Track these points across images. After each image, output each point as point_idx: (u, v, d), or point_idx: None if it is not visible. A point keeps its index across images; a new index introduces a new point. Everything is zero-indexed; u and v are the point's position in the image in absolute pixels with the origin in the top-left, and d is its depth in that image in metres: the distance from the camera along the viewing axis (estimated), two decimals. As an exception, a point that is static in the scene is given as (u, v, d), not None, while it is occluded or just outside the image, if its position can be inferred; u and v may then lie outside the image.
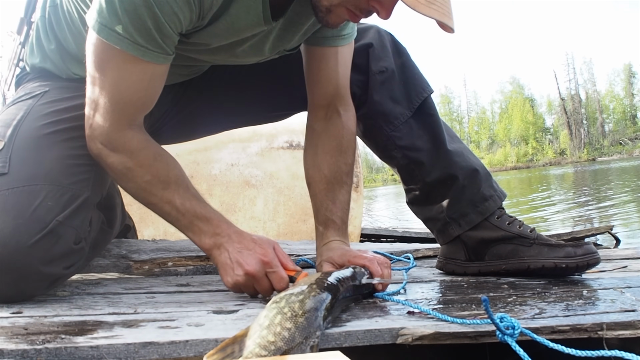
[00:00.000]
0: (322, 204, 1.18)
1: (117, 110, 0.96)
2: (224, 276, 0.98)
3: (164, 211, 1.01)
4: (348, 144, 1.21)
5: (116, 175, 1.01)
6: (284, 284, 0.96)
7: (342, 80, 1.19)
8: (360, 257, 1.05)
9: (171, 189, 1.00)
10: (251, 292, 0.98)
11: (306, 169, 1.22)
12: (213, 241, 1.00)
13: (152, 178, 0.99)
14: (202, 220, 1.00)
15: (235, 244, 0.98)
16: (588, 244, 1.16)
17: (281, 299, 0.72)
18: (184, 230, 1.02)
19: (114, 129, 0.97)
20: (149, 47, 0.91)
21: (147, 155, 1.01)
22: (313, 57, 1.17)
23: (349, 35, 1.17)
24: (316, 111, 1.22)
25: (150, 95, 1.00)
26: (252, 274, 0.95)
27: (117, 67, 0.93)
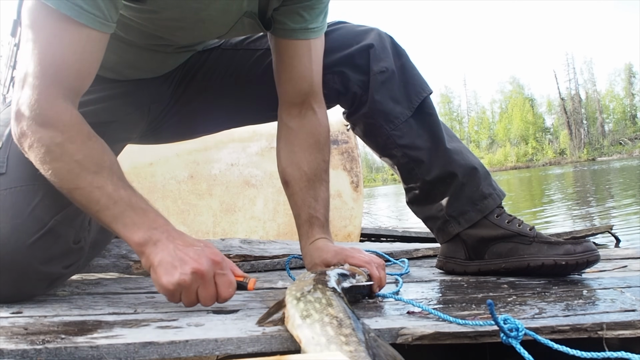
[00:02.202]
0: (304, 202, 1.15)
1: (49, 75, 0.87)
2: (162, 275, 0.82)
3: (91, 198, 0.87)
4: (325, 140, 1.21)
5: (41, 155, 0.87)
6: (231, 290, 0.85)
7: (316, 77, 1.18)
8: (357, 258, 1.02)
9: (104, 174, 0.88)
10: (192, 298, 0.83)
11: (283, 167, 1.19)
12: (148, 235, 0.85)
13: (83, 158, 0.87)
14: (137, 211, 0.87)
15: (177, 241, 0.85)
16: (587, 241, 1.16)
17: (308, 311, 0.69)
18: (112, 221, 0.87)
19: (45, 98, 0.87)
20: (84, 7, 0.86)
21: (80, 131, 0.90)
22: (285, 52, 1.16)
23: (319, 29, 1.16)
24: (290, 109, 1.20)
25: (85, 64, 0.91)
26: (201, 273, 0.82)
27: (49, 27, 0.86)
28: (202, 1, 1.02)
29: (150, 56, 1.21)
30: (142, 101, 1.29)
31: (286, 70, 1.17)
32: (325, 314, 0.67)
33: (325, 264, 1.05)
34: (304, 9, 1.13)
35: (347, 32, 1.32)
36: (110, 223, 0.87)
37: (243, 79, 1.33)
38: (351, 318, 0.66)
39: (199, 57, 1.34)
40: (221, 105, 1.36)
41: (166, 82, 1.32)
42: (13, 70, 1.31)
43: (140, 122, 1.33)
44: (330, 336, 0.63)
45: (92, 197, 0.87)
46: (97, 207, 0.87)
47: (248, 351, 0.70)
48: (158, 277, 0.83)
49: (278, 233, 2.56)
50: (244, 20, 1.11)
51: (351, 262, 1.01)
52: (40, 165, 0.88)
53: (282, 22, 1.13)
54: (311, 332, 0.65)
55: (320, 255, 1.07)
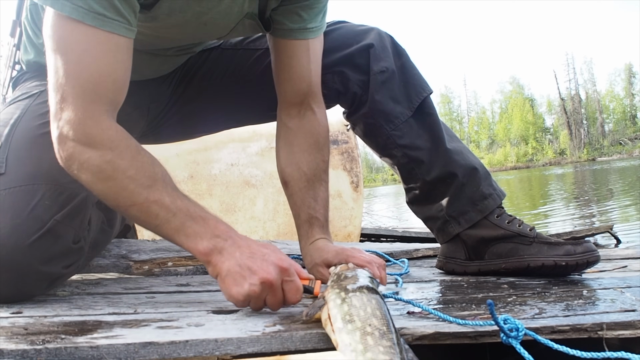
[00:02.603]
0: (303, 202, 1.15)
1: (88, 91, 0.86)
2: (232, 286, 0.82)
3: (150, 212, 0.86)
4: (324, 141, 1.20)
5: (92, 175, 0.86)
6: (299, 295, 0.84)
7: (315, 77, 1.18)
8: (358, 258, 1.01)
9: (158, 186, 0.87)
10: (260, 305, 0.83)
11: (282, 167, 1.19)
12: (212, 244, 0.84)
13: (136, 173, 0.86)
14: (197, 220, 0.86)
15: (243, 248, 0.84)
16: (587, 242, 1.16)
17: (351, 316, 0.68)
18: (174, 234, 0.86)
19: (89, 116, 0.86)
20: (107, 15, 0.85)
21: (128, 146, 0.88)
22: (284, 52, 1.16)
23: (317, 29, 1.16)
24: (289, 109, 1.20)
25: (120, 73, 0.90)
26: (270, 282, 0.81)
27: (78, 42, 0.85)
28: (205, 5, 1.02)
29: (150, 59, 1.21)
30: (141, 101, 1.29)
31: (285, 70, 1.17)
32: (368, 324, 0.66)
33: (326, 264, 1.04)
34: (302, 8, 1.12)
35: (347, 32, 1.32)
36: (173, 236, 0.86)
37: (243, 79, 1.33)
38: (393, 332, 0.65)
39: (199, 57, 1.34)
40: (221, 105, 1.36)
41: (166, 82, 1.32)
42: (12, 71, 1.31)
43: (140, 122, 1.33)
44: (369, 345, 0.62)
45: (150, 212, 0.85)
46: (156, 222, 0.86)
47: (248, 351, 0.70)
48: (227, 288, 0.82)
49: (278, 233, 2.56)
50: (245, 22, 1.11)
51: (352, 261, 1.00)
52: (93, 186, 0.87)
53: (280, 22, 1.13)
54: (350, 339, 0.65)
55: (321, 255, 1.07)
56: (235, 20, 1.10)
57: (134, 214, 0.87)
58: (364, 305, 0.70)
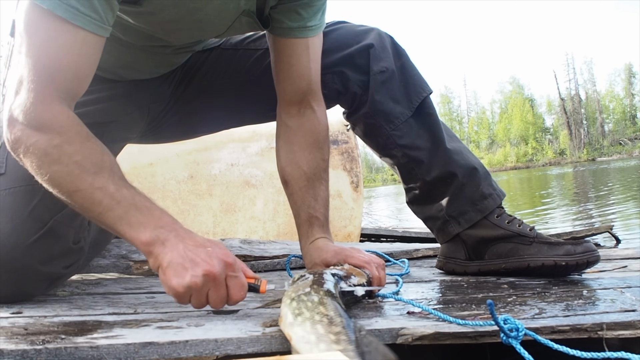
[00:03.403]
0: (303, 201, 1.14)
1: (45, 77, 0.84)
2: (172, 277, 0.79)
3: (93, 199, 0.83)
4: (324, 139, 1.20)
5: (37, 159, 0.84)
6: (243, 292, 0.82)
7: (314, 76, 1.18)
8: (356, 258, 1.01)
9: (104, 174, 0.84)
10: (202, 301, 0.81)
11: (282, 166, 1.19)
12: (155, 235, 0.82)
13: (82, 159, 0.84)
14: (142, 210, 0.84)
15: (187, 241, 0.82)
16: (587, 242, 1.16)
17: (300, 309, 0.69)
18: (116, 222, 0.83)
19: (41, 100, 0.84)
20: (80, 9, 0.84)
21: (78, 132, 0.87)
22: (283, 51, 1.15)
23: (317, 27, 1.15)
24: (288, 108, 1.19)
25: (82, 67, 0.88)
26: (213, 275, 0.79)
27: (44, 30, 0.84)
28: (199, 1, 1.01)
29: (149, 57, 1.21)
30: (142, 101, 1.29)
31: (284, 69, 1.17)
32: (316, 312, 0.67)
33: (325, 263, 1.04)
34: (301, 7, 1.12)
35: (347, 32, 1.32)
36: (115, 224, 0.84)
37: (243, 79, 1.33)
38: (342, 317, 0.66)
39: (199, 56, 1.34)
40: (221, 105, 1.36)
41: (166, 82, 1.32)
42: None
43: (140, 122, 1.33)
44: (320, 334, 0.62)
45: (93, 198, 0.83)
46: (99, 209, 0.83)
47: (248, 351, 0.70)
48: (167, 279, 0.80)
49: (278, 233, 2.56)
50: (242, 19, 1.11)
51: (351, 262, 1.01)
52: (37, 170, 0.85)
53: (280, 20, 1.13)
54: (302, 331, 0.65)
55: (320, 255, 1.07)
56: (232, 17, 1.10)
57: (77, 200, 0.84)
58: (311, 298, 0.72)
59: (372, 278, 0.98)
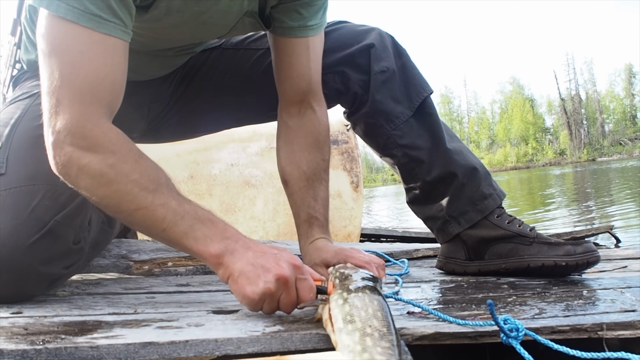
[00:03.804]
0: (303, 201, 1.14)
1: (86, 94, 0.82)
2: (245, 286, 0.79)
3: (156, 216, 0.83)
4: (324, 139, 1.20)
5: (93, 179, 0.83)
6: (312, 294, 0.81)
7: (315, 76, 1.18)
8: (357, 258, 1.01)
9: (163, 190, 0.84)
10: (274, 306, 0.80)
11: (282, 166, 1.19)
12: (224, 246, 0.82)
13: (140, 177, 0.83)
14: (206, 223, 0.84)
15: (254, 249, 0.82)
16: (588, 242, 1.16)
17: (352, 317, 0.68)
18: (182, 237, 0.83)
19: (87, 120, 0.82)
20: (103, 17, 0.83)
21: (130, 149, 0.85)
22: (283, 51, 1.15)
23: (317, 26, 1.15)
24: (289, 107, 1.19)
25: (117, 75, 0.87)
26: (285, 279, 0.78)
27: (74, 43, 0.82)
28: (204, 5, 1.01)
29: (150, 60, 1.21)
30: (142, 101, 1.30)
31: (285, 68, 1.17)
32: (368, 325, 0.66)
33: (325, 264, 1.04)
34: (302, 6, 1.12)
35: (347, 32, 1.32)
36: (181, 239, 0.83)
37: (244, 79, 1.33)
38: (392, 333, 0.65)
39: (200, 56, 1.34)
40: (221, 104, 1.36)
41: (166, 82, 1.33)
42: (13, 70, 1.31)
43: (140, 122, 1.33)
44: (368, 346, 0.62)
45: (156, 216, 0.82)
46: (163, 226, 0.83)
47: (248, 351, 0.70)
48: (240, 288, 0.79)
49: (278, 233, 2.56)
50: (245, 20, 1.11)
51: (351, 262, 1.00)
52: (94, 191, 0.83)
53: (280, 20, 1.13)
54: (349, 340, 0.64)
55: (320, 255, 1.06)
56: (235, 19, 1.10)
57: (139, 219, 0.84)
58: (366, 306, 0.70)
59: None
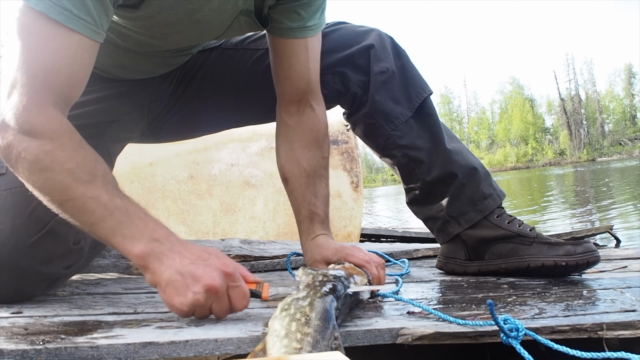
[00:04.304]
0: (304, 198, 1.15)
1: (38, 81, 0.82)
2: (174, 297, 0.77)
3: (85, 209, 0.80)
4: (324, 137, 1.21)
5: (28, 165, 0.81)
6: (245, 301, 0.81)
7: (314, 75, 1.19)
8: (357, 257, 1.01)
9: (98, 183, 0.82)
10: (205, 314, 0.79)
11: (282, 164, 1.19)
12: (150, 248, 0.79)
13: (75, 166, 0.81)
14: (136, 221, 0.81)
15: (183, 253, 0.79)
16: (588, 242, 1.16)
17: (289, 305, 0.70)
18: (109, 234, 0.81)
19: (33, 105, 0.82)
20: (74, 12, 0.82)
21: (71, 138, 0.84)
22: (283, 51, 1.16)
23: (316, 26, 1.16)
24: (288, 106, 1.20)
25: (76, 71, 0.86)
26: (215, 289, 0.77)
27: (38, 32, 0.82)
28: (197, 2, 1.01)
29: (148, 60, 1.21)
30: (142, 101, 1.29)
31: (284, 69, 1.17)
32: (299, 311, 0.67)
33: (326, 261, 1.04)
34: (301, 7, 1.12)
35: (347, 33, 1.32)
36: (107, 236, 0.81)
37: (243, 79, 1.33)
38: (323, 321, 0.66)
39: (199, 56, 1.34)
40: (221, 105, 1.36)
41: (166, 82, 1.33)
42: None
43: (140, 122, 1.33)
44: (291, 331, 0.63)
45: (85, 208, 0.80)
46: (91, 219, 0.81)
47: (248, 351, 0.70)
48: (169, 298, 0.78)
49: (278, 233, 2.56)
50: (241, 19, 1.11)
51: (351, 260, 1.00)
52: (28, 176, 0.83)
53: (279, 20, 1.13)
54: (278, 324, 0.65)
55: (321, 252, 1.07)
56: (230, 17, 1.09)
57: (68, 209, 0.82)
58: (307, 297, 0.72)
59: (372, 277, 0.98)
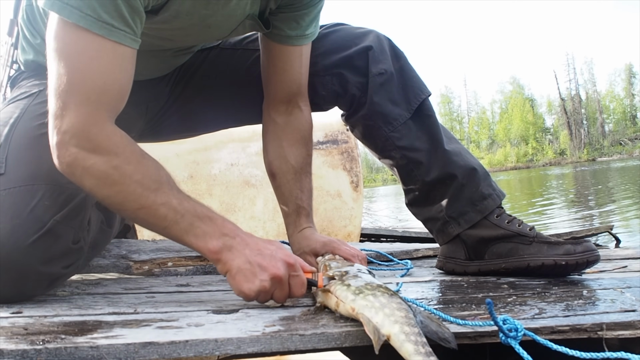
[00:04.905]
0: (291, 193, 1.23)
1: (93, 99, 0.86)
2: (243, 283, 0.86)
3: (158, 215, 0.88)
4: (309, 136, 1.29)
5: (97, 180, 0.87)
6: (304, 289, 0.89)
7: (304, 80, 1.25)
8: (344, 250, 1.10)
9: (165, 189, 0.89)
10: (267, 299, 0.88)
11: (270, 160, 1.27)
12: (222, 242, 0.88)
13: (142, 177, 0.88)
14: (205, 220, 0.89)
15: (251, 246, 0.89)
16: (587, 241, 1.16)
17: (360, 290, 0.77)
18: (183, 234, 0.89)
19: (92, 123, 0.86)
20: (115, 25, 0.85)
21: (134, 151, 0.90)
22: (277, 57, 1.21)
23: (312, 34, 1.21)
24: (277, 106, 1.26)
25: (124, 82, 0.91)
26: (279, 278, 0.86)
27: (85, 49, 0.85)
28: (212, 8, 1.03)
29: (148, 59, 1.21)
30: (140, 100, 1.29)
31: (277, 72, 1.22)
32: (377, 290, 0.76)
33: (314, 253, 1.14)
34: (300, 16, 1.16)
35: (345, 34, 1.32)
36: (182, 236, 0.89)
37: (242, 79, 1.33)
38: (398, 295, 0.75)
39: (198, 56, 1.34)
40: (220, 104, 1.36)
41: (164, 81, 1.33)
42: (10, 70, 1.31)
43: (139, 121, 1.33)
44: (383, 302, 0.71)
45: (158, 214, 0.87)
46: (165, 223, 0.88)
47: (248, 351, 0.70)
48: (238, 284, 0.86)
49: (278, 233, 2.56)
50: (245, 22, 1.14)
51: (338, 253, 1.10)
52: (99, 191, 0.88)
53: (279, 27, 1.16)
54: (364, 301, 0.73)
55: (309, 245, 1.16)
56: (238, 22, 1.12)
57: (142, 217, 0.89)
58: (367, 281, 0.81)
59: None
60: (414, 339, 0.64)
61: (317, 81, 1.29)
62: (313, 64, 1.26)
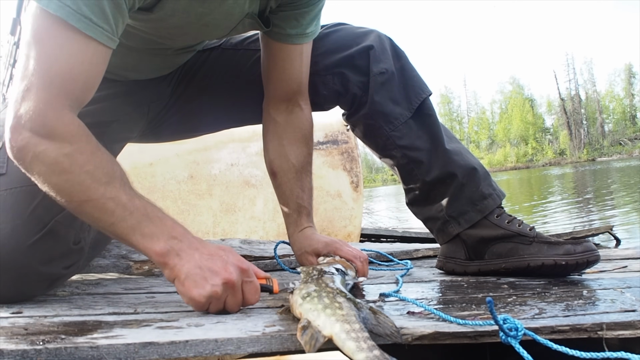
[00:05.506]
0: (292, 192, 1.23)
1: (56, 86, 0.83)
2: (192, 288, 0.81)
3: (105, 209, 0.84)
4: (310, 135, 1.28)
5: (46, 167, 0.83)
6: (257, 296, 0.87)
7: (304, 79, 1.25)
8: (345, 251, 1.11)
9: (116, 184, 0.85)
10: (220, 307, 0.84)
11: (271, 158, 1.27)
12: (169, 246, 0.83)
13: (94, 169, 0.84)
14: (154, 220, 0.85)
15: (201, 250, 0.84)
16: (587, 241, 1.16)
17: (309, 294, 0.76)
18: (129, 233, 0.84)
19: (51, 108, 0.83)
20: (93, 19, 0.83)
21: (89, 142, 0.86)
22: (278, 55, 1.21)
23: (313, 33, 1.21)
24: (277, 104, 1.26)
25: (91, 76, 0.88)
26: (232, 283, 0.82)
27: (57, 38, 0.83)
28: (208, 6, 1.03)
29: (150, 59, 1.21)
30: (142, 100, 1.30)
31: (278, 71, 1.22)
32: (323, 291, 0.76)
33: (316, 253, 1.14)
34: (301, 15, 1.16)
35: (347, 34, 1.32)
36: (127, 235, 0.84)
37: (243, 79, 1.33)
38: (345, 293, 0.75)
39: (199, 56, 1.34)
40: (221, 104, 1.36)
41: (166, 81, 1.33)
42: (12, 69, 1.31)
43: (140, 121, 1.33)
44: (326, 303, 0.71)
45: (105, 208, 0.83)
46: (111, 219, 0.84)
47: (248, 351, 0.70)
48: (187, 290, 0.82)
49: (278, 233, 2.56)
50: (245, 21, 1.13)
51: (340, 254, 1.10)
52: (45, 178, 0.84)
53: (279, 26, 1.16)
54: (309, 304, 0.72)
55: (311, 245, 1.16)
56: (236, 20, 1.12)
57: (87, 210, 0.85)
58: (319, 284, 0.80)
59: (357, 271, 1.08)
60: (354, 335, 0.62)
61: (319, 80, 1.29)
62: (314, 63, 1.26)
